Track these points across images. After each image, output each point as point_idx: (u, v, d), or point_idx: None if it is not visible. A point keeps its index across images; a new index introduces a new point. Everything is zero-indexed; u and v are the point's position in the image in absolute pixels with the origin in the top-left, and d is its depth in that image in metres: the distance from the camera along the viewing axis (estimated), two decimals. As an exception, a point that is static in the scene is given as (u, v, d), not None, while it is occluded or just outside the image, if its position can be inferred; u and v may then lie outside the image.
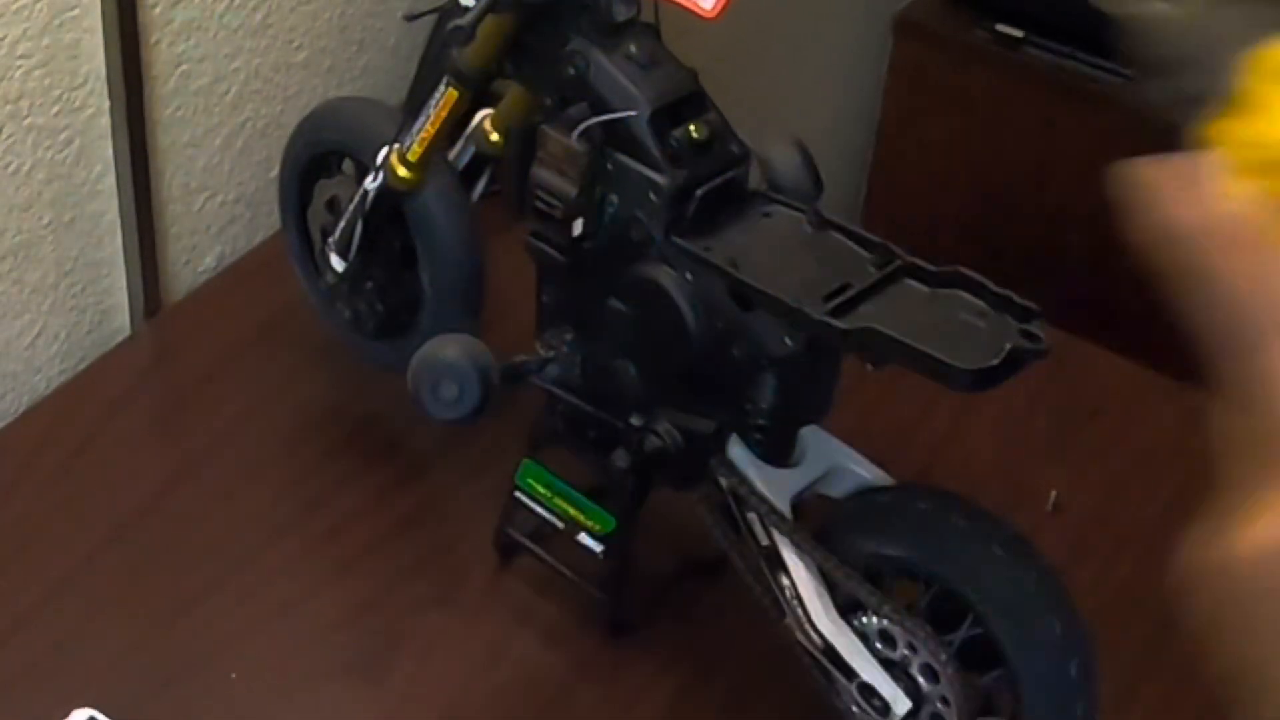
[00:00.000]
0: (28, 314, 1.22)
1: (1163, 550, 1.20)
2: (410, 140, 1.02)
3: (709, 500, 0.95)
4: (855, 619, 0.91)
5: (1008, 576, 0.86)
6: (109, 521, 1.08)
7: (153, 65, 1.21)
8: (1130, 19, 0.62)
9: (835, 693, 0.92)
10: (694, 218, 0.90)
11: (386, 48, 1.41)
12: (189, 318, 1.29)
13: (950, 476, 1.16)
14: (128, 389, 1.21)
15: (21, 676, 0.98)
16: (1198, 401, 0.54)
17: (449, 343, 0.91)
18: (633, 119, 0.89)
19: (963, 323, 0.83)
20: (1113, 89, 1.88)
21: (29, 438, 1.15)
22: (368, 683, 1.01)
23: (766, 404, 0.91)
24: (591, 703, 1.00)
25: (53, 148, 1.17)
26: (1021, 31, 1.91)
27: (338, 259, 1.10)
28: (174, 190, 1.29)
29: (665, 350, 0.93)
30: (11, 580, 1.04)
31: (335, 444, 1.17)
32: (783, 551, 0.92)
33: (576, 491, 1.01)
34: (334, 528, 1.10)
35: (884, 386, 1.05)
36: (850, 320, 0.84)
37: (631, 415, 0.95)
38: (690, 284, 0.90)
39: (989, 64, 1.95)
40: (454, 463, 1.15)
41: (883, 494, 0.93)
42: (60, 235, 1.21)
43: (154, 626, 1.02)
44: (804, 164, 0.94)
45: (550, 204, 0.92)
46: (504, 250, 1.03)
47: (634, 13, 0.92)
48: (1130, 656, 1.04)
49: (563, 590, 1.04)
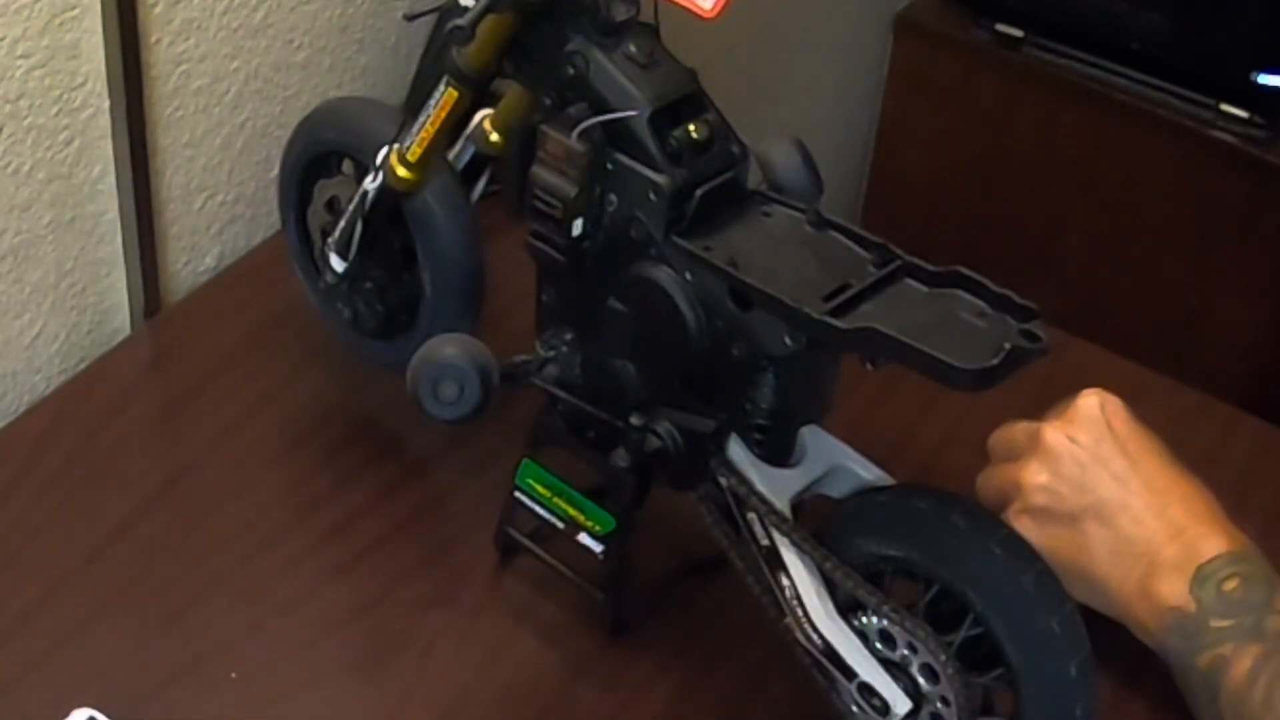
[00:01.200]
0: (28, 314, 1.22)
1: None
2: (410, 140, 1.02)
3: (709, 500, 0.95)
4: (855, 619, 0.91)
5: (1008, 576, 0.86)
6: (109, 521, 1.08)
7: (153, 65, 1.21)
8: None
9: (835, 693, 0.92)
10: (694, 218, 0.90)
11: (386, 48, 1.41)
12: (189, 318, 1.29)
13: (950, 476, 1.16)
14: (128, 389, 1.21)
15: (21, 676, 0.98)
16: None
17: (449, 343, 0.91)
18: (632, 119, 0.89)
19: (962, 322, 0.83)
20: (1113, 89, 1.88)
21: (29, 438, 1.15)
22: (368, 683, 1.01)
23: (766, 404, 0.91)
24: (591, 703, 1.00)
25: (53, 148, 1.17)
26: (1021, 31, 1.91)
27: (337, 259, 1.10)
28: (174, 190, 1.29)
29: (665, 350, 0.93)
30: (11, 580, 1.04)
31: (335, 444, 1.17)
32: (783, 551, 0.92)
33: (576, 491, 1.01)
34: (334, 528, 1.10)
35: (884, 386, 1.05)
36: (850, 320, 0.84)
37: (631, 415, 0.95)
38: (690, 284, 0.90)
39: (989, 64, 1.95)
40: (454, 463, 1.15)
41: (883, 494, 0.93)
42: (60, 235, 1.21)
43: (154, 626, 1.02)
44: (804, 164, 0.94)
45: (550, 204, 0.92)
46: (504, 250, 1.03)
47: (634, 13, 0.91)
48: (1130, 656, 1.03)
49: (563, 590, 1.04)
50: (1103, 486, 0.96)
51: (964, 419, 1.22)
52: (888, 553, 0.89)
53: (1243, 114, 1.82)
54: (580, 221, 0.92)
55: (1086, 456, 0.97)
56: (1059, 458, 0.98)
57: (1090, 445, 0.97)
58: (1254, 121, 1.82)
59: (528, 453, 1.02)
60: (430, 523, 1.11)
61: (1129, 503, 0.96)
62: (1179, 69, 1.83)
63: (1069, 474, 0.97)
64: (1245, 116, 1.82)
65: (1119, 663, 1.01)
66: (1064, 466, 0.97)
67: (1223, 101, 1.82)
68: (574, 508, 1.00)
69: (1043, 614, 0.85)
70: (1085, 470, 0.97)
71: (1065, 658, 0.86)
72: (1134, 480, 0.97)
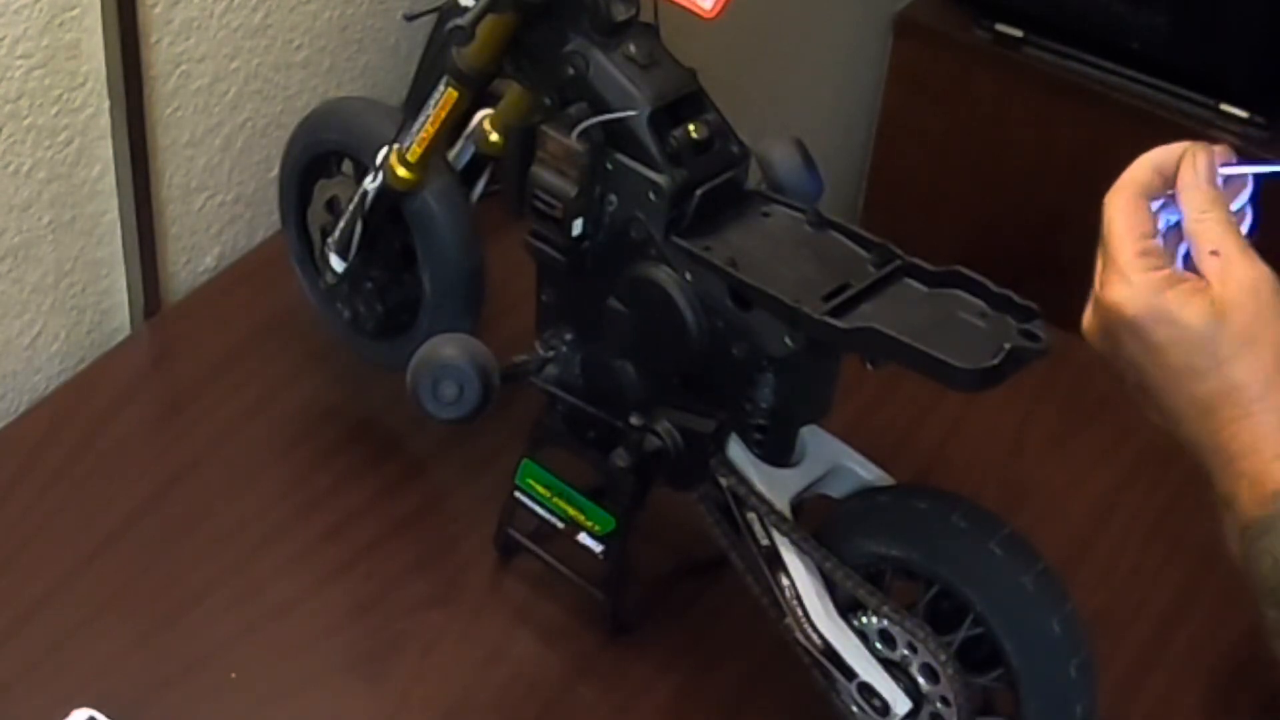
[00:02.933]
0: (28, 314, 1.22)
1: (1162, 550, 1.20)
2: (410, 140, 1.02)
3: (709, 500, 0.95)
4: (855, 619, 0.91)
5: (1008, 576, 0.86)
6: (109, 521, 1.08)
7: (153, 65, 1.21)
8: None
9: (835, 693, 0.92)
10: (693, 217, 0.90)
11: (386, 48, 1.41)
12: (189, 318, 1.29)
13: (950, 476, 1.16)
14: (128, 389, 1.21)
15: (21, 676, 0.98)
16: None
17: (449, 342, 0.91)
18: (632, 119, 0.89)
19: (962, 322, 0.83)
20: (1113, 89, 1.88)
21: (29, 438, 1.15)
22: (368, 683, 1.01)
23: (766, 404, 0.91)
24: (591, 703, 1.00)
25: (53, 148, 1.17)
26: (1021, 31, 1.91)
27: (337, 259, 1.10)
28: (174, 190, 1.29)
29: (665, 350, 0.93)
30: (11, 580, 1.04)
31: (335, 444, 1.17)
32: (782, 551, 0.92)
33: (576, 491, 1.01)
34: (334, 528, 1.10)
35: (884, 386, 1.06)
36: (850, 320, 0.84)
37: (631, 415, 0.95)
38: (690, 284, 0.90)
39: (989, 64, 1.95)
40: (454, 463, 1.15)
41: (883, 494, 0.93)
42: (60, 235, 1.21)
43: (154, 626, 1.02)
44: (804, 164, 0.94)
45: (550, 204, 0.92)
46: (504, 250, 1.03)
47: (633, 12, 0.91)
48: (1130, 656, 1.04)
49: (563, 590, 1.04)
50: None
51: (964, 419, 1.22)
52: (888, 553, 0.89)
53: (1243, 114, 1.82)
54: (580, 221, 0.92)
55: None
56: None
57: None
58: (1254, 121, 1.82)
59: (528, 453, 1.02)
60: (430, 523, 1.11)
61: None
62: (1179, 69, 1.83)
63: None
64: (1245, 116, 1.82)
65: (1119, 663, 1.01)
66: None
67: (1223, 101, 1.82)
68: (574, 508, 1.00)
69: (1043, 614, 0.86)
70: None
71: (1065, 658, 0.86)
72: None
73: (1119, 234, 0.83)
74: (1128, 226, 0.84)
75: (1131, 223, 0.84)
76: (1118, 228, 0.84)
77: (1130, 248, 0.83)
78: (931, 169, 2.07)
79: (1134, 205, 0.85)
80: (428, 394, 0.91)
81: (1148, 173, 0.86)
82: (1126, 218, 0.84)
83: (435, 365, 0.91)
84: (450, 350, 0.91)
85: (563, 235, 0.93)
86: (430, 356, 0.91)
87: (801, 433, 0.95)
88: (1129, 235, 0.83)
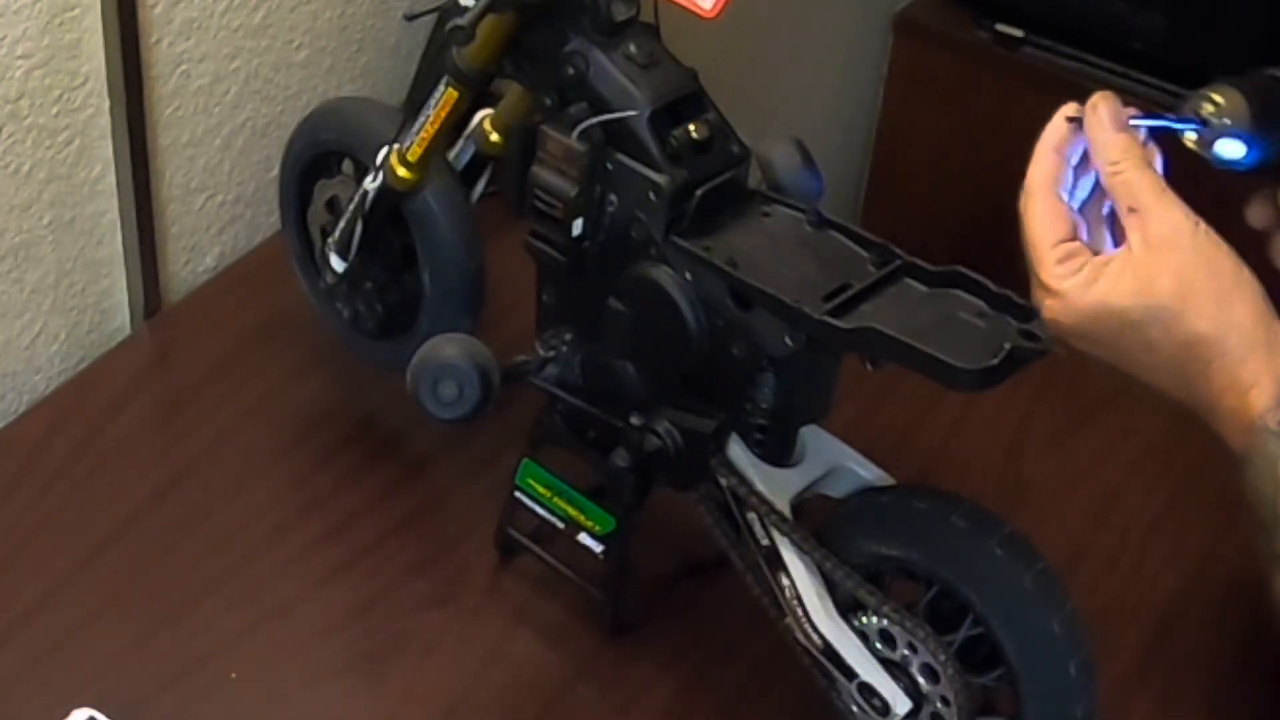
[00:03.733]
0: (28, 314, 1.22)
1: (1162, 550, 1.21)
2: (410, 140, 1.02)
3: (709, 500, 0.95)
4: (855, 619, 0.91)
5: (1008, 576, 0.86)
6: (109, 521, 1.08)
7: (153, 65, 1.21)
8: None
9: (835, 692, 0.92)
10: (694, 217, 0.90)
11: (386, 48, 1.41)
12: (189, 318, 1.29)
13: (950, 476, 1.16)
14: (128, 389, 1.21)
15: (21, 676, 0.98)
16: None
17: (449, 342, 0.91)
18: (632, 119, 0.89)
19: (962, 322, 0.83)
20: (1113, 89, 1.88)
21: (29, 438, 1.15)
22: (368, 683, 1.01)
23: (766, 404, 0.91)
24: (591, 703, 1.00)
25: (53, 148, 1.17)
26: (1021, 31, 1.91)
27: (337, 259, 1.10)
28: (174, 190, 1.29)
29: (665, 350, 0.93)
30: (12, 580, 1.04)
31: (335, 444, 1.17)
32: (783, 551, 0.92)
33: (576, 491, 1.01)
34: (334, 528, 1.10)
35: (884, 386, 1.05)
36: (850, 320, 0.84)
37: (631, 415, 0.95)
38: (690, 284, 0.90)
39: (989, 64, 1.95)
40: (454, 463, 1.15)
41: (883, 494, 0.93)
42: (60, 235, 1.21)
43: (154, 626, 1.02)
44: (804, 164, 0.94)
45: (550, 204, 0.92)
46: (504, 250, 1.03)
47: (634, 12, 0.91)
48: (1130, 656, 1.04)
49: (563, 590, 1.04)
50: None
51: (964, 419, 1.22)
52: (888, 553, 0.89)
53: (1243, 114, 1.82)
54: (580, 221, 0.92)
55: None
56: None
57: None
58: (1254, 121, 1.82)
59: (528, 453, 1.02)
60: (430, 523, 1.11)
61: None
62: (1179, 69, 1.83)
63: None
64: (1245, 116, 1.82)
65: (1119, 663, 1.01)
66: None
67: (1223, 101, 1.82)
68: (574, 508, 1.00)
69: (1043, 614, 0.85)
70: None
71: (1065, 658, 0.86)
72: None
73: (1036, 244, 0.86)
74: (1042, 234, 0.86)
75: (1045, 230, 0.86)
76: (1035, 238, 0.86)
77: (1049, 257, 0.85)
78: (931, 169, 2.07)
79: (1045, 208, 0.87)
80: (428, 394, 0.91)
81: (1051, 158, 0.89)
82: (1041, 224, 0.86)
83: (435, 365, 0.91)
84: (450, 350, 0.91)
85: (563, 235, 0.93)
86: (430, 356, 0.91)
87: (801, 433, 0.95)
88: (1045, 244, 0.85)
